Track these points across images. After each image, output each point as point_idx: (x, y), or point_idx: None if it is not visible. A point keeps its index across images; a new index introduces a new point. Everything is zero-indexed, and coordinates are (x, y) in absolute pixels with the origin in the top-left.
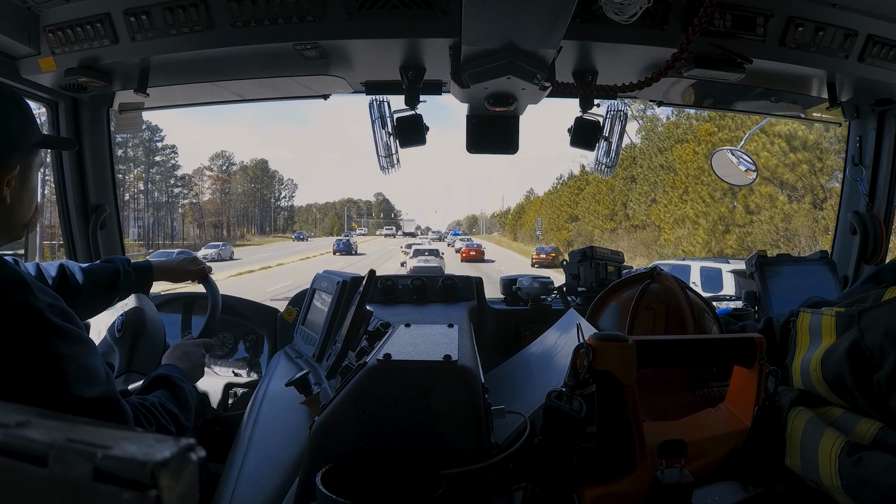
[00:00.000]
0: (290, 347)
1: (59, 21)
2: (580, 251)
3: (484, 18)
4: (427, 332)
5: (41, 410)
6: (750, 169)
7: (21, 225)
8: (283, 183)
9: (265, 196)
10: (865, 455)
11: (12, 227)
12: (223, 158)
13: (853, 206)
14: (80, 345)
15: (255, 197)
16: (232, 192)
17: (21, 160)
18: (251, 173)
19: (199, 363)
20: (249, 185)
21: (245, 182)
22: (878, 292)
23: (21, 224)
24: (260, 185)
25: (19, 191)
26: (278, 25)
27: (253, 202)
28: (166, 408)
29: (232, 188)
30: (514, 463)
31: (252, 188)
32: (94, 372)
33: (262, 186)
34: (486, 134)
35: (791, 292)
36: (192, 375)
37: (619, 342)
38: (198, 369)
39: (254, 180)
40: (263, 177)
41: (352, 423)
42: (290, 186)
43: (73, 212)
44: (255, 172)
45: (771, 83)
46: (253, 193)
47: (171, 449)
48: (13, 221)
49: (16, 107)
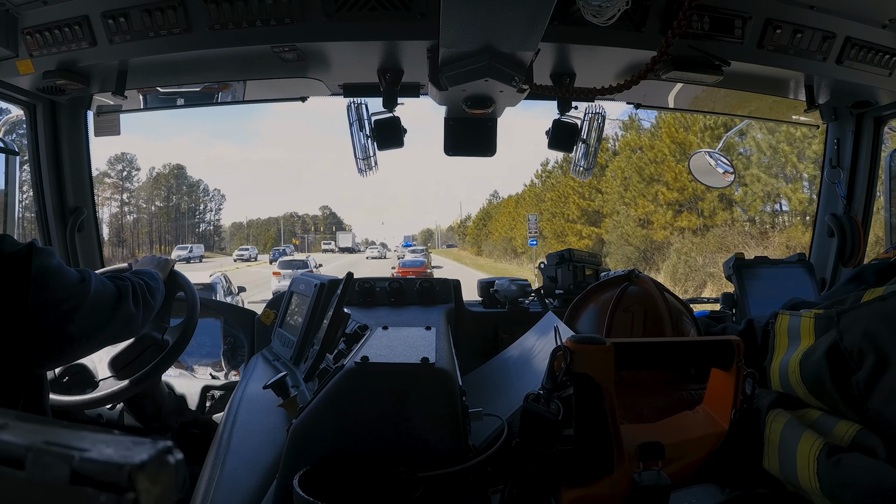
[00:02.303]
0: (267, 350)
1: (37, 23)
2: (558, 254)
3: (462, 21)
4: (405, 334)
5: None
6: (728, 171)
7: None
8: (210, 194)
9: (182, 208)
10: (844, 457)
11: None
12: (123, 162)
13: (831, 208)
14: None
15: (170, 209)
16: (136, 202)
17: None
18: (164, 182)
19: (161, 261)
20: (162, 195)
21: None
22: (857, 294)
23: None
24: (177, 196)
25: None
26: (256, 27)
27: (166, 215)
28: (136, 274)
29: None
30: (491, 465)
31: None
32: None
33: (179, 197)
34: (464, 136)
35: (769, 295)
36: (158, 266)
37: (597, 345)
38: (161, 263)
39: (168, 190)
40: (181, 186)
41: (329, 426)
42: (218, 198)
43: (50, 214)
44: (170, 181)
45: (749, 85)
46: (166, 205)
47: (148, 451)
48: None
49: None
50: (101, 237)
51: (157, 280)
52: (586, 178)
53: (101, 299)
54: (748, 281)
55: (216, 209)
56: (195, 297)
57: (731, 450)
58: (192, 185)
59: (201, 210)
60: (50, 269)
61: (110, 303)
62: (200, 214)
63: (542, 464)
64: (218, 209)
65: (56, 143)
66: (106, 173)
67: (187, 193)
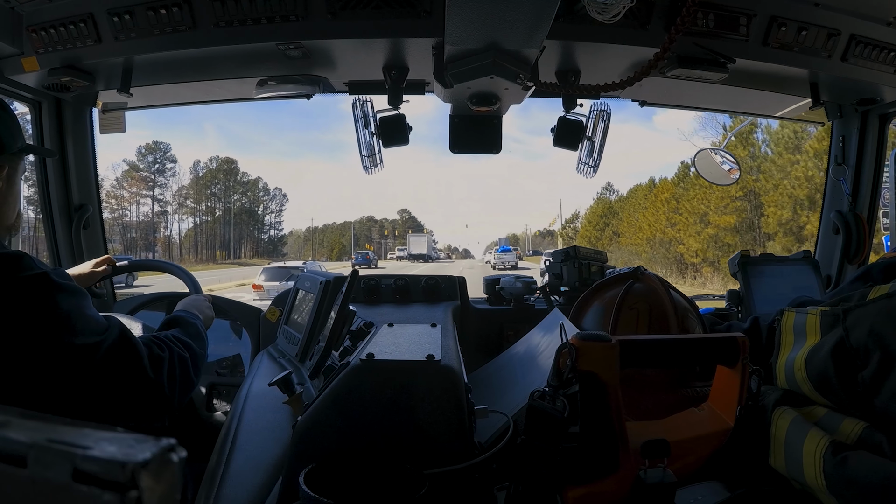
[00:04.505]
0: (273, 347)
1: (42, 21)
2: (563, 251)
3: (467, 18)
4: (410, 331)
5: (21, 410)
6: (733, 168)
7: (5, 227)
8: (270, 194)
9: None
10: (850, 455)
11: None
12: (157, 152)
13: (836, 205)
14: (83, 297)
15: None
16: (167, 200)
17: (9, 162)
18: (207, 179)
19: (206, 308)
20: (204, 194)
21: (202, 189)
22: (863, 291)
23: (5, 226)
24: (226, 195)
25: (5, 192)
26: (261, 25)
27: (212, 218)
28: (179, 338)
29: (169, 196)
30: (497, 463)
31: (213, 198)
32: (98, 320)
33: (228, 196)
34: (469, 134)
35: (774, 292)
36: (203, 317)
37: (602, 342)
38: (207, 312)
39: (213, 187)
40: (228, 182)
41: (335, 423)
42: (279, 199)
43: (56, 212)
44: (218, 177)
45: (754, 83)
46: (213, 206)
47: (151, 449)
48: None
49: (4, 111)
50: (105, 234)
51: (193, 325)
52: (592, 176)
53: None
54: (753, 278)
55: (277, 210)
56: (176, 268)
57: (736, 447)
58: (248, 183)
59: (260, 212)
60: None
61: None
62: (261, 218)
63: (547, 461)
64: (279, 210)
65: (61, 140)
66: (133, 165)
67: (243, 193)
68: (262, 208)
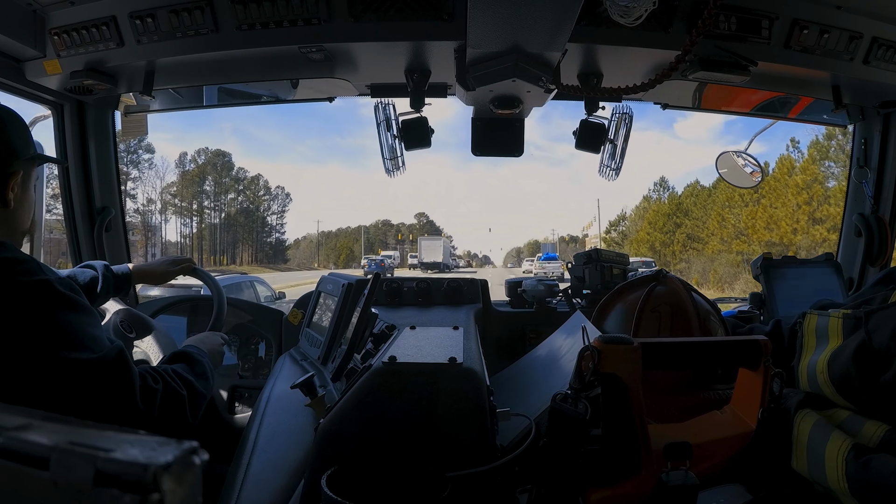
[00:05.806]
0: (295, 350)
1: (64, 24)
2: (585, 253)
3: (489, 21)
4: (432, 334)
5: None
6: (756, 171)
7: (21, 232)
8: (271, 193)
9: (251, 216)
10: (873, 458)
11: (14, 232)
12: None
13: (858, 208)
14: (87, 314)
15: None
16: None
17: (23, 167)
18: (195, 173)
19: (217, 349)
20: (190, 189)
21: (186, 186)
22: (885, 294)
23: (21, 231)
24: (218, 193)
25: (20, 198)
26: (283, 28)
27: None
28: (180, 374)
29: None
30: (519, 465)
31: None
32: (98, 338)
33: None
34: (491, 137)
35: (796, 294)
36: (212, 358)
37: (624, 345)
38: (216, 353)
39: (198, 184)
40: (221, 180)
41: (357, 426)
42: (282, 198)
43: (78, 215)
44: (205, 171)
45: (776, 86)
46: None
47: (173, 452)
48: (15, 227)
49: (17, 119)
50: (128, 237)
51: (200, 363)
52: (614, 179)
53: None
54: (776, 281)
55: (279, 211)
56: (222, 297)
57: (758, 450)
58: (245, 180)
59: (260, 212)
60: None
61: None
62: (260, 220)
63: (569, 463)
64: (282, 211)
65: (83, 143)
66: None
67: (241, 192)
68: (262, 208)
